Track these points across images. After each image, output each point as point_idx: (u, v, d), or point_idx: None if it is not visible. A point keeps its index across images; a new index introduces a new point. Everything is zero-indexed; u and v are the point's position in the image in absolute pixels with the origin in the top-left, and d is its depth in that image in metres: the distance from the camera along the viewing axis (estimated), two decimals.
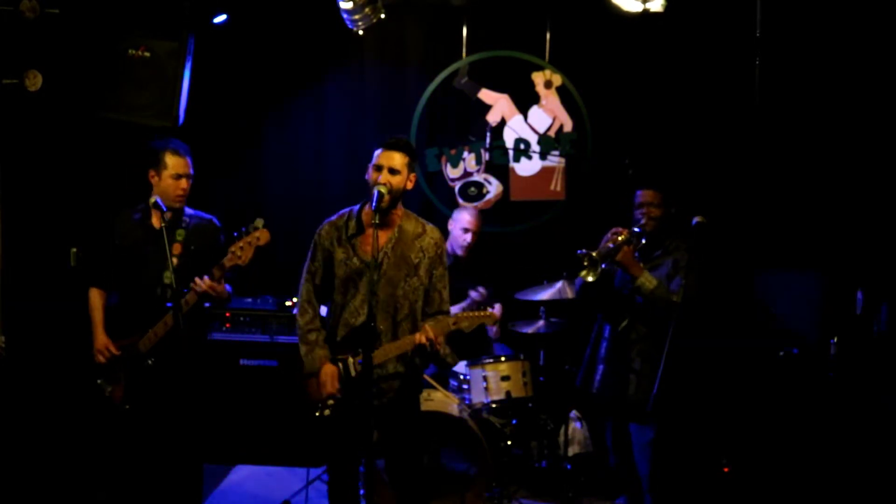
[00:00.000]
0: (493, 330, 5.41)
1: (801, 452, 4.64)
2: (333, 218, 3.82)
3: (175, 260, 4.00)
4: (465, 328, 3.68)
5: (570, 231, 5.77)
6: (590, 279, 4.10)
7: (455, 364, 3.76)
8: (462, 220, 5.35)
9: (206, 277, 3.91)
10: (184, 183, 4.07)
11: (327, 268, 3.76)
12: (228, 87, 5.85)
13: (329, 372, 3.68)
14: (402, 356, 3.70)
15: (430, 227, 3.81)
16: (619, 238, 4.17)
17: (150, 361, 4.04)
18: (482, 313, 3.67)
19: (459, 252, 5.36)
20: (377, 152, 3.66)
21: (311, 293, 3.81)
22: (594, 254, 4.10)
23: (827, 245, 5.24)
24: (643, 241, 4.27)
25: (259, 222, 3.87)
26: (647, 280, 4.15)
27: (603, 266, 4.12)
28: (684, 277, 4.01)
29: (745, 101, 5.33)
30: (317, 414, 3.68)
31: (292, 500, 4.92)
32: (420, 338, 3.59)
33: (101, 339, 4.14)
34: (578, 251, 4.12)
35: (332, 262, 3.74)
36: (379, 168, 3.62)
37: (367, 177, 3.69)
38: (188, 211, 4.24)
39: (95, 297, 4.24)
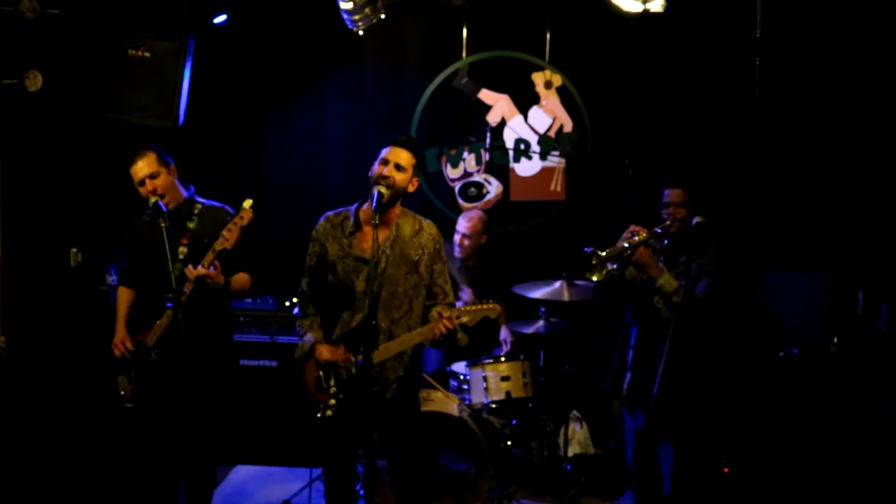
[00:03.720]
0: (507, 340, 5.39)
1: (801, 452, 4.64)
2: (330, 214, 3.83)
3: (184, 249, 4.01)
4: (469, 322, 3.63)
5: (570, 231, 5.78)
6: (594, 279, 4.00)
7: (466, 342, 3.70)
8: (458, 225, 5.39)
9: (196, 266, 3.83)
10: (148, 185, 4.01)
11: (321, 263, 3.76)
12: (228, 88, 5.85)
13: (323, 348, 3.68)
14: (400, 356, 3.70)
15: (426, 222, 3.81)
16: (637, 238, 4.07)
17: (153, 354, 4.05)
18: (484, 306, 3.62)
19: (457, 254, 5.38)
20: (386, 149, 3.66)
21: (306, 285, 3.85)
22: (602, 253, 3.99)
23: (827, 245, 5.24)
24: (665, 243, 4.18)
25: (247, 203, 3.83)
26: (667, 282, 4.03)
27: (614, 266, 4.03)
28: (694, 279, 3.95)
29: (745, 101, 5.32)
30: (318, 415, 3.68)
31: (292, 500, 4.92)
32: (440, 328, 3.54)
33: (120, 332, 4.17)
34: (585, 249, 4.02)
35: (325, 259, 3.74)
36: (385, 162, 3.62)
37: (370, 173, 3.68)
38: (200, 200, 4.21)
39: (123, 294, 4.28)
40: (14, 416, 4.46)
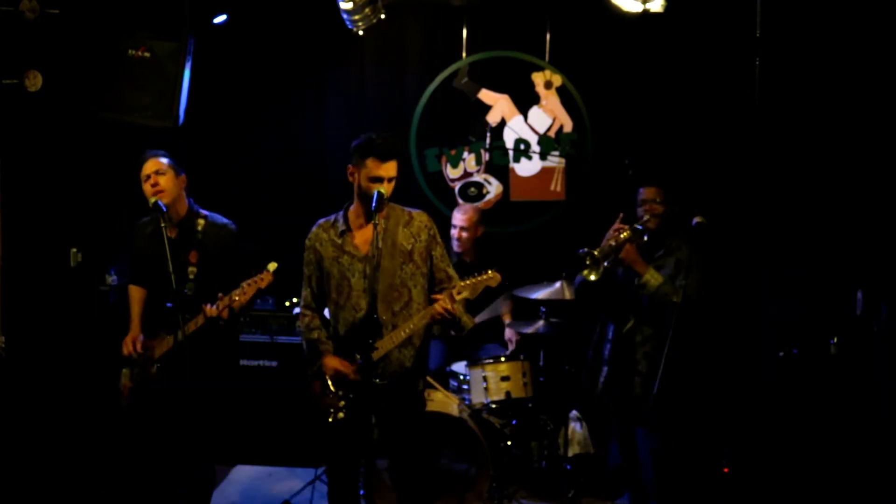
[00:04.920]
0: (512, 339, 5.40)
1: (801, 452, 4.64)
2: (321, 221, 3.87)
3: (194, 269, 4.09)
4: (470, 295, 3.66)
5: (570, 231, 5.78)
6: (592, 278, 4.06)
7: (472, 325, 3.74)
8: (453, 219, 5.40)
9: (212, 306, 3.95)
10: (152, 180, 4.06)
11: (320, 270, 3.80)
12: (228, 88, 5.85)
13: (334, 363, 3.71)
14: (408, 347, 3.71)
15: (416, 212, 3.84)
16: (622, 235, 4.14)
17: (154, 367, 4.10)
18: (484, 277, 3.64)
19: (456, 249, 5.38)
20: (368, 161, 3.62)
21: (308, 297, 3.87)
22: (596, 252, 4.06)
23: (827, 245, 5.24)
24: (645, 239, 4.25)
25: (271, 266, 3.95)
26: (653, 277, 4.10)
27: (605, 264, 4.10)
28: (684, 278, 4.01)
29: (745, 101, 5.32)
30: (330, 420, 3.69)
31: (292, 500, 4.92)
32: (436, 309, 3.61)
33: (134, 330, 4.21)
34: (580, 250, 4.08)
35: (322, 264, 3.78)
36: (377, 180, 3.62)
37: (351, 178, 3.70)
38: (203, 212, 4.25)
39: (135, 292, 4.31)
40: (14, 415, 4.46)
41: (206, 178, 5.41)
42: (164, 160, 4.13)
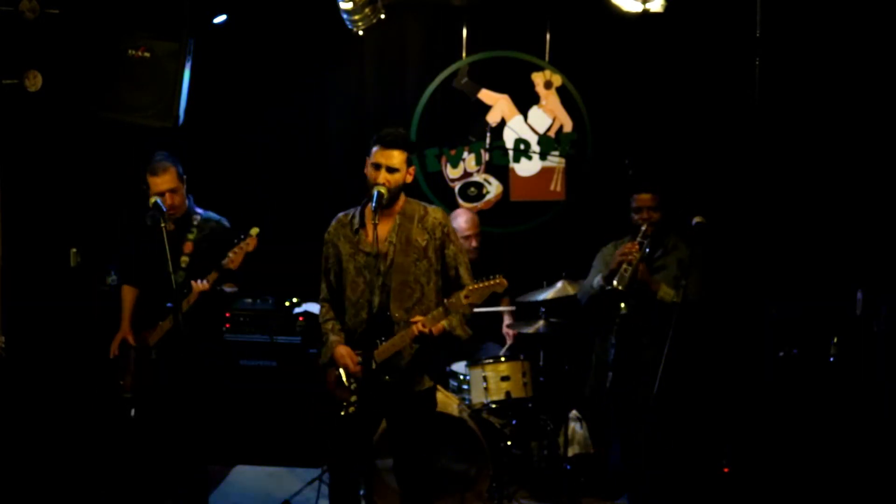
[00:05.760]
0: (509, 333, 5.42)
1: (801, 453, 4.64)
2: (340, 215, 3.86)
3: (186, 259, 4.22)
4: (478, 301, 3.61)
5: (570, 231, 5.77)
6: (623, 308, 4.15)
7: (467, 336, 3.69)
8: (460, 230, 5.28)
9: (201, 281, 4.09)
10: (167, 199, 4.15)
11: (338, 264, 3.79)
12: (228, 88, 5.84)
13: (343, 352, 3.70)
14: (419, 342, 3.68)
15: (431, 207, 3.81)
16: (633, 258, 4.17)
17: (153, 355, 4.22)
18: (491, 282, 3.58)
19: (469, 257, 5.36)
20: (374, 149, 3.65)
21: (326, 290, 3.87)
22: (621, 288, 4.15)
23: (826, 245, 5.24)
24: (647, 251, 4.28)
25: (253, 230, 4.09)
26: (666, 293, 4.17)
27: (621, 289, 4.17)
28: (685, 278, 4.02)
29: (745, 101, 5.32)
30: (342, 413, 3.68)
31: (292, 500, 4.92)
32: (415, 329, 3.58)
33: (124, 328, 4.36)
34: (606, 287, 4.20)
35: (340, 259, 3.77)
36: (377, 166, 3.62)
37: (365, 171, 3.70)
38: (199, 211, 4.38)
39: (127, 293, 4.45)
40: (14, 416, 4.46)
41: (206, 178, 5.42)
42: (175, 174, 4.22)
